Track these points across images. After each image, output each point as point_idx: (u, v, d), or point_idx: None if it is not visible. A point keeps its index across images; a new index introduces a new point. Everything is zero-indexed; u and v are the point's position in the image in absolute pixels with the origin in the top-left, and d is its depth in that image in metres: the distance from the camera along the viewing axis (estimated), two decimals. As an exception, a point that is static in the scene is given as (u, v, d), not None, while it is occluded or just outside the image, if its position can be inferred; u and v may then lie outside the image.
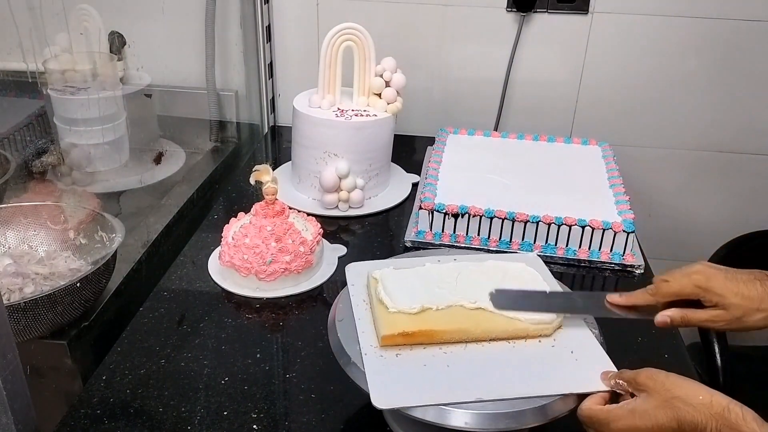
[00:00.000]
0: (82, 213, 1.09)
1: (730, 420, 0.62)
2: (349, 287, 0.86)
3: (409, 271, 0.86)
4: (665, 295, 0.78)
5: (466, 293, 0.82)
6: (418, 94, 1.58)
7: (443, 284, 0.84)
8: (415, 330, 0.76)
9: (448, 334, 0.77)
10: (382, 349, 0.76)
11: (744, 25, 1.46)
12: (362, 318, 0.81)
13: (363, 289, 0.86)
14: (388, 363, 0.74)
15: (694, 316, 0.77)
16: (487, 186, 1.25)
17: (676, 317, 0.78)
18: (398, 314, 0.78)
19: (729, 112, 1.56)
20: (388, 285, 0.82)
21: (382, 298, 0.80)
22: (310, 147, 1.28)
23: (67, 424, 0.81)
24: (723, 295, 0.75)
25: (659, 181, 1.64)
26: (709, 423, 0.62)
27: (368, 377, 0.72)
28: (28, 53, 1.27)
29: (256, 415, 0.83)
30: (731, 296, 0.75)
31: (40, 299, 0.89)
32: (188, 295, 1.05)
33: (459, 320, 0.78)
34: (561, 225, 1.13)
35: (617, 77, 1.55)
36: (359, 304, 0.83)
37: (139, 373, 0.89)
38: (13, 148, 1.34)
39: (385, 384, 0.71)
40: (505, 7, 1.50)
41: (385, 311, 0.79)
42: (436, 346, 0.77)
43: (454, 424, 0.69)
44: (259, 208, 1.06)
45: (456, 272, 0.86)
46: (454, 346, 0.77)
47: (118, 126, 1.39)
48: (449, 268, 0.87)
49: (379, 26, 1.37)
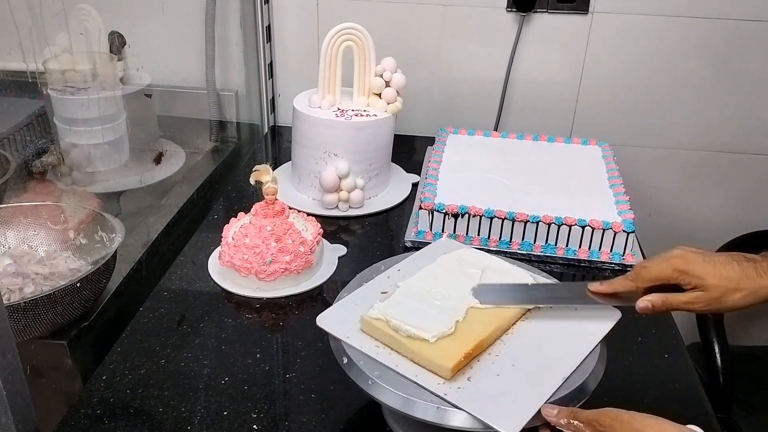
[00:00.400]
0: (82, 213, 1.09)
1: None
2: (345, 343, 0.76)
3: (396, 298, 0.80)
4: (645, 280, 0.79)
5: (462, 295, 0.81)
6: (418, 94, 1.58)
7: (436, 295, 0.81)
8: (472, 346, 0.73)
9: (492, 336, 0.76)
10: (453, 382, 0.71)
11: (744, 25, 1.47)
12: (399, 364, 0.73)
13: (365, 337, 0.77)
14: (473, 391, 0.70)
15: (675, 299, 0.78)
16: (487, 186, 1.25)
17: (656, 301, 0.78)
18: (443, 340, 0.74)
19: (729, 112, 1.56)
20: (401, 318, 0.76)
21: (414, 334, 0.74)
22: (310, 147, 1.28)
23: (67, 424, 0.81)
24: (702, 277, 0.76)
25: (659, 181, 1.64)
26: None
27: (482, 414, 0.67)
28: (28, 53, 1.27)
29: (256, 415, 0.83)
30: (710, 277, 0.75)
31: (40, 299, 0.89)
32: (188, 295, 1.05)
33: (488, 320, 0.77)
34: (561, 225, 1.13)
35: (617, 77, 1.55)
36: (379, 353, 0.75)
37: (139, 373, 0.89)
38: (13, 148, 1.34)
39: (504, 412, 0.67)
40: (505, 7, 1.50)
41: (427, 344, 0.73)
42: (482, 354, 0.75)
43: (454, 424, 0.69)
44: (259, 208, 1.06)
45: (431, 279, 0.84)
46: (493, 346, 0.76)
47: (118, 126, 1.39)
48: (421, 279, 0.84)
49: (379, 26, 1.37)
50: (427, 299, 0.80)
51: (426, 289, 0.82)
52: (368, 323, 0.77)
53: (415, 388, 0.71)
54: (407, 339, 0.74)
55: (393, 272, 0.88)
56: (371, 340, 0.76)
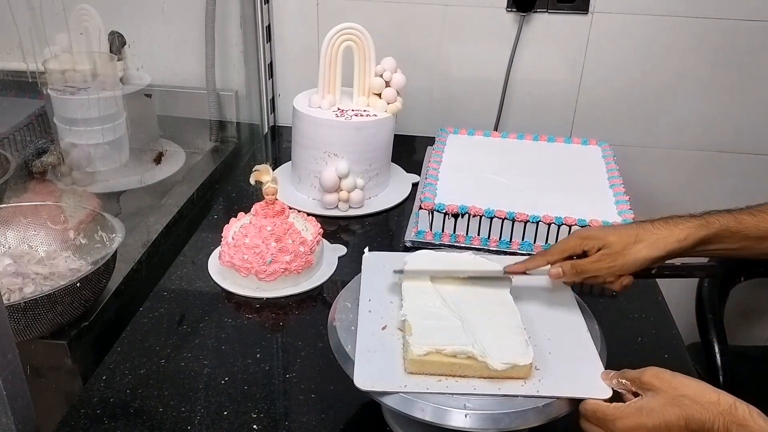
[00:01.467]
0: (82, 213, 1.09)
1: (737, 416, 0.62)
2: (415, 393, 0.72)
3: (417, 328, 0.77)
4: (554, 252, 0.86)
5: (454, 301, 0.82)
6: (418, 94, 1.58)
7: (440, 309, 0.81)
8: (526, 334, 0.76)
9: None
10: (531, 377, 0.73)
11: (744, 25, 1.46)
12: (477, 387, 0.72)
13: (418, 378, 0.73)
14: (553, 376, 0.74)
15: (582, 261, 0.84)
16: (487, 186, 1.25)
17: (566, 266, 0.85)
18: (496, 343, 0.74)
19: (729, 112, 1.56)
20: (449, 342, 0.74)
21: (472, 353, 0.73)
22: (310, 147, 1.28)
23: (67, 424, 0.81)
24: (602, 237, 0.84)
25: (659, 181, 1.64)
26: (716, 421, 0.63)
27: (583, 393, 0.71)
28: (28, 53, 1.27)
29: (256, 415, 0.83)
30: (610, 236, 0.84)
31: (40, 299, 0.89)
32: (188, 295, 1.05)
33: (496, 310, 0.81)
34: (561, 225, 1.13)
35: (617, 77, 1.55)
36: (449, 386, 0.72)
37: (139, 373, 0.89)
38: (13, 148, 1.34)
39: (590, 384, 0.73)
40: (505, 7, 1.50)
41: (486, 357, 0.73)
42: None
43: (453, 424, 0.69)
44: (259, 208, 1.06)
45: (422, 296, 0.83)
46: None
47: (118, 126, 1.39)
48: (414, 298, 0.82)
49: (379, 26, 1.37)
50: (437, 316, 0.79)
51: (428, 306, 0.81)
52: (419, 362, 0.73)
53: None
54: (470, 360, 0.72)
55: (365, 305, 0.84)
56: (428, 378, 0.73)
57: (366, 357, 0.75)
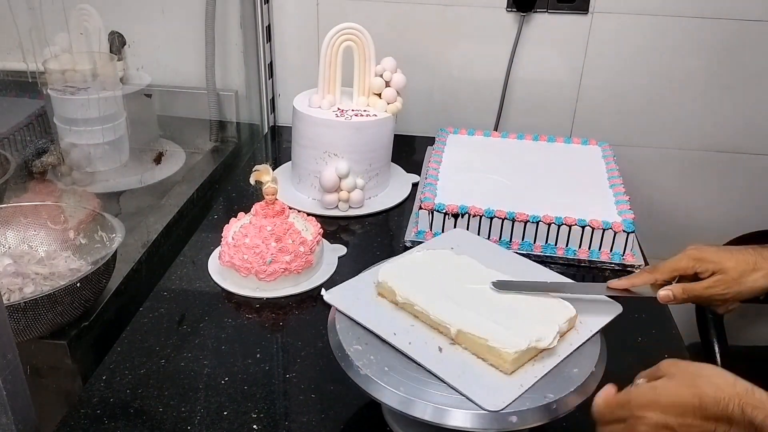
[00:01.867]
0: (82, 213, 1.09)
1: (755, 397, 0.62)
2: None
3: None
4: (663, 271, 0.81)
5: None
6: (418, 94, 1.58)
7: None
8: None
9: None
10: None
11: (744, 25, 1.46)
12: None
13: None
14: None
15: (695, 286, 0.79)
16: (487, 186, 1.25)
17: (677, 289, 0.80)
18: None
19: (729, 112, 1.56)
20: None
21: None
22: (310, 147, 1.28)
23: (67, 424, 0.81)
24: (717, 261, 0.78)
25: (659, 181, 1.64)
26: (732, 401, 0.62)
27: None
28: (28, 53, 1.27)
29: (256, 415, 0.83)
30: (726, 261, 0.78)
31: (40, 299, 0.89)
32: (188, 295, 1.05)
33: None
34: (561, 225, 1.13)
35: (617, 77, 1.55)
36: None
37: (139, 373, 0.89)
38: (13, 148, 1.34)
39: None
40: (505, 7, 1.50)
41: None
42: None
43: (453, 423, 0.69)
44: (259, 208, 1.06)
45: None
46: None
47: (118, 126, 1.39)
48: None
49: (379, 26, 1.37)
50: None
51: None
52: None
53: (416, 386, 0.71)
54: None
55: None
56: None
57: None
